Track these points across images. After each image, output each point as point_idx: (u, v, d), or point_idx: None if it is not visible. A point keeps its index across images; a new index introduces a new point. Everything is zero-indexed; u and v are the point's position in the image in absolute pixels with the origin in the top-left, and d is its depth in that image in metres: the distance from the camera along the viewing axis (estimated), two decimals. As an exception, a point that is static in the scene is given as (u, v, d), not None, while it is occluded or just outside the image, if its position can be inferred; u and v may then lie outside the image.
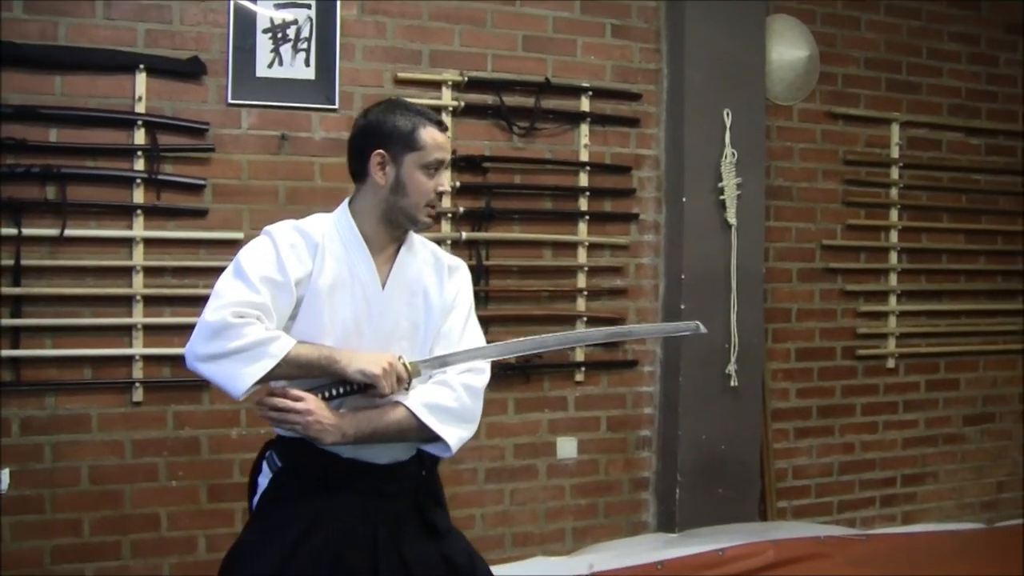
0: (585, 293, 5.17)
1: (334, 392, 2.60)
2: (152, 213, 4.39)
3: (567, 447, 5.22)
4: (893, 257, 5.98)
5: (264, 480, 2.72)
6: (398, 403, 2.63)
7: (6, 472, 4.22)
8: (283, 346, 2.50)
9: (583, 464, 5.27)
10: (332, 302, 2.63)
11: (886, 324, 6.00)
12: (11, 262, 4.15)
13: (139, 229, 4.36)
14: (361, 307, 2.66)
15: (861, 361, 5.95)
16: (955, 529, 5.91)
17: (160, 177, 4.37)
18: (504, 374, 4.93)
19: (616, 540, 5.31)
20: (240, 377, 2.47)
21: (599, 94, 5.19)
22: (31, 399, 4.26)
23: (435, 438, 2.65)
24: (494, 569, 4.60)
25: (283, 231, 2.63)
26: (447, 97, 4.85)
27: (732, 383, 5.27)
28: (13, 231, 4.14)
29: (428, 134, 2.67)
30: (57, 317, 4.26)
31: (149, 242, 4.38)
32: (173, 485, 4.48)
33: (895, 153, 5.95)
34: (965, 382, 6.30)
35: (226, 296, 2.51)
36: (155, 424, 4.44)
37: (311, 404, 2.55)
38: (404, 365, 2.62)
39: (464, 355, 2.74)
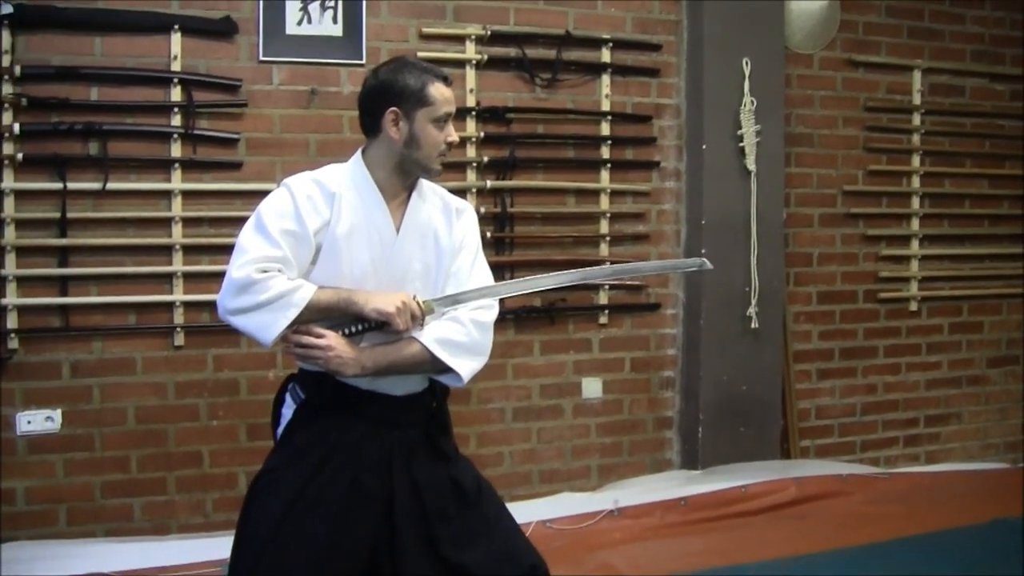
0: (608, 239, 5.28)
1: (353, 329, 2.77)
2: (189, 166, 4.56)
3: (592, 387, 5.35)
4: (915, 202, 6.02)
5: (288, 411, 2.91)
6: (413, 339, 2.80)
7: (58, 412, 4.46)
8: (305, 294, 2.68)
9: (608, 404, 5.40)
10: (350, 247, 2.79)
11: (908, 268, 6.04)
12: (57, 215, 4.35)
13: (177, 182, 4.54)
14: (377, 251, 2.82)
15: (883, 304, 6.00)
16: (979, 469, 5.95)
17: (196, 132, 4.54)
18: (529, 317, 5.07)
19: (641, 477, 5.44)
20: (269, 327, 2.67)
21: (619, 45, 5.26)
22: (79, 343, 4.48)
23: (447, 369, 2.83)
24: (522, 504, 4.80)
25: (301, 183, 2.80)
26: (471, 51, 4.97)
27: (752, 325, 5.37)
28: (58, 185, 4.34)
29: (437, 90, 2.84)
30: (102, 266, 4.47)
31: (187, 194, 4.56)
32: (214, 424, 4.69)
33: (917, 100, 5.96)
34: (989, 325, 6.32)
35: (249, 252, 2.69)
36: (196, 367, 4.65)
37: (332, 341, 2.73)
38: (418, 303, 2.79)
39: (474, 293, 2.90)
